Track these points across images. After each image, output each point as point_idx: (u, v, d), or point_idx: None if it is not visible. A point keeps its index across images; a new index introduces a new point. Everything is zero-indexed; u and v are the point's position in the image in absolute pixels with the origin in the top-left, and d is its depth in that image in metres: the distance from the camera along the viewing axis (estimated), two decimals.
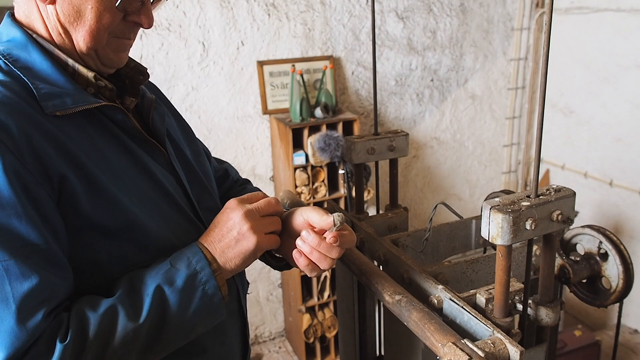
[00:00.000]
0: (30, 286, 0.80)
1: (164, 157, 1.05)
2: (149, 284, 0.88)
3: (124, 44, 0.99)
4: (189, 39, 2.91)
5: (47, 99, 0.87)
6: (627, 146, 3.24)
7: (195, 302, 0.89)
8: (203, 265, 0.91)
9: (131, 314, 0.85)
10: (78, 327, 0.83)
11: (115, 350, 0.84)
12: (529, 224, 0.87)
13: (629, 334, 3.39)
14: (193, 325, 0.91)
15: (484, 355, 0.82)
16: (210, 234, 0.96)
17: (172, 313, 0.88)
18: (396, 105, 3.49)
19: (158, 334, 0.88)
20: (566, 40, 3.45)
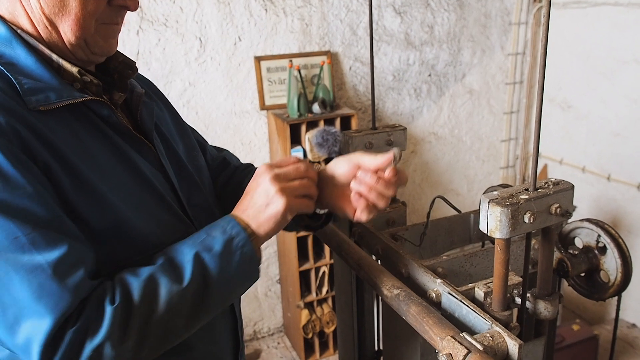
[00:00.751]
0: (61, 252, 0.80)
1: (152, 153, 1.04)
2: (187, 252, 0.90)
3: (112, 30, 0.98)
4: (185, 35, 2.90)
5: (30, 94, 0.86)
6: (625, 141, 3.24)
7: (234, 265, 0.91)
8: (238, 230, 0.93)
9: (174, 279, 0.86)
10: (123, 292, 0.83)
11: (162, 314, 0.85)
12: (527, 217, 0.87)
13: (626, 328, 3.39)
14: (233, 289, 0.94)
15: (483, 348, 0.82)
16: (241, 202, 0.98)
17: (214, 277, 0.89)
18: (394, 100, 3.49)
19: (202, 298, 0.89)
20: (564, 35, 3.45)
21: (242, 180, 1.25)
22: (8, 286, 0.77)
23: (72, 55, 0.94)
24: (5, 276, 0.77)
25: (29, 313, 0.77)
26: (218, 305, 0.93)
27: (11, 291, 0.77)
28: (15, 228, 0.78)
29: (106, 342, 0.79)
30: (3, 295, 0.77)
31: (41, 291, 0.77)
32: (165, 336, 0.87)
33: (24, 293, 0.77)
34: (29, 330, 0.77)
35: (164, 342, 0.89)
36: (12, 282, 0.77)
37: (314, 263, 3.13)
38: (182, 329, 0.90)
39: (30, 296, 0.77)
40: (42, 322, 0.76)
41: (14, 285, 0.77)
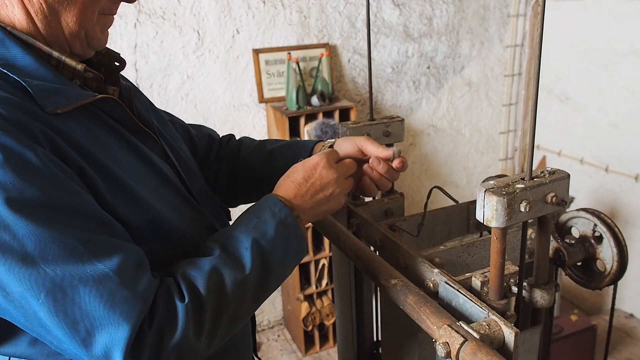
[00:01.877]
0: (121, 257, 0.78)
1: (157, 145, 1.04)
2: (243, 240, 0.91)
3: (109, 21, 0.96)
4: (183, 27, 2.89)
5: (43, 97, 0.81)
6: (623, 132, 3.25)
7: (289, 247, 0.94)
8: (287, 213, 0.96)
9: (235, 268, 0.87)
10: (190, 287, 0.83)
11: (230, 304, 0.85)
12: (523, 206, 0.87)
13: (624, 318, 3.41)
14: (288, 268, 0.96)
15: (479, 337, 0.82)
16: (294, 185, 1.02)
17: (273, 261, 0.92)
18: (393, 92, 3.49)
19: (263, 283, 0.91)
20: (562, 27, 3.44)
21: (236, 153, 1.34)
22: (76, 300, 0.74)
23: (68, 49, 0.91)
24: (72, 290, 0.74)
25: (104, 324, 0.74)
26: (276, 285, 0.95)
27: (80, 305, 0.74)
28: (71, 238, 0.75)
29: (184, 339, 0.79)
30: (72, 310, 0.74)
31: (113, 300, 0.75)
32: (233, 323, 0.88)
33: (94, 305, 0.74)
34: (107, 341, 0.74)
35: (232, 329, 0.90)
36: (80, 296, 0.74)
37: (313, 256, 3.14)
38: (246, 313, 0.91)
39: (103, 307, 0.74)
40: (120, 331, 0.74)
41: (83, 298, 0.74)
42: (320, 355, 3.28)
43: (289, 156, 1.27)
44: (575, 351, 2.89)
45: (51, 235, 0.74)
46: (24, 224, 0.73)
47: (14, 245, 0.72)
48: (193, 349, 0.81)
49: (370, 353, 1.53)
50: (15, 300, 0.74)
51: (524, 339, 1.05)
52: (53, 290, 0.73)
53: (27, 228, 0.73)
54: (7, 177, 0.73)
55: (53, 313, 0.74)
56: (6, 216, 0.72)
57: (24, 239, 0.73)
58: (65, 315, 0.74)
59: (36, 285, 0.73)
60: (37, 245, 0.73)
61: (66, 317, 0.74)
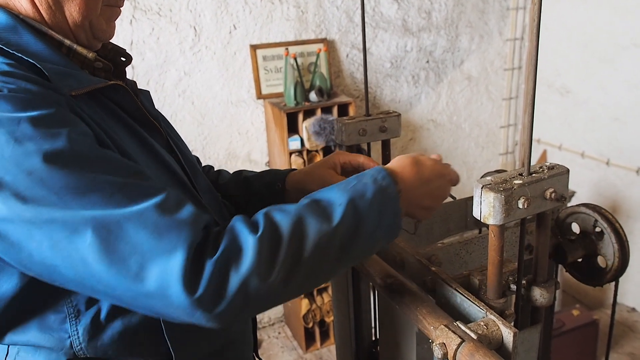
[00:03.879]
0: (163, 195, 0.77)
1: (163, 138, 1.03)
2: (338, 196, 0.86)
3: (115, 13, 0.96)
4: (180, 24, 2.87)
5: (59, 79, 0.82)
6: (625, 125, 3.22)
7: (384, 215, 0.88)
8: (389, 182, 0.90)
9: (323, 218, 0.82)
10: (269, 224, 0.79)
11: (310, 253, 0.80)
12: (521, 203, 0.85)
13: (626, 312, 3.39)
14: (376, 241, 0.89)
15: (477, 337, 0.80)
16: (412, 172, 0.97)
17: (363, 225, 0.85)
18: (392, 87, 3.46)
19: (349, 245, 0.84)
20: (563, 20, 3.41)
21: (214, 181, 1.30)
22: (122, 236, 0.72)
23: (74, 40, 0.92)
24: (117, 227, 0.73)
25: (154, 254, 0.72)
26: (360, 255, 0.89)
27: (127, 240, 0.73)
28: (108, 185, 0.75)
29: (252, 274, 0.74)
30: (120, 247, 0.72)
31: (159, 230, 0.73)
32: (311, 276, 0.82)
33: (142, 237, 0.73)
34: (160, 272, 0.72)
35: (309, 284, 0.85)
36: (126, 231, 0.73)
37: None
38: (325, 273, 0.86)
39: (150, 238, 0.73)
40: (172, 259, 0.72)
41: (128, 233, 0.73)
42: (321, 352, 3.27)
43: (264, 181, 1.24)
44: (578, 346, 2.87)
45: (88, 183, 0.74)
46: (59, 175, 0.73)
47: (53, 198, 0.72)
48: (264, 290, 0.76)
49: (368, 352, 1.51)
50: (63, 248, 0.73)
51: (523, 338, 1.03)
52: (98, 228, 0.72)
53: (63, 179, 0.73)
54: (37, 132, 0.74)
55: (102, 252, 0.72)
56: (41, 170, 0.72)
57: (62, 190, 0.73)
58: (114, 252, 0.72)
59: (81, 225, 0.72)
60: (76, 195, 0.73)
61: (115, 255, 0.72)
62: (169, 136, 1.07)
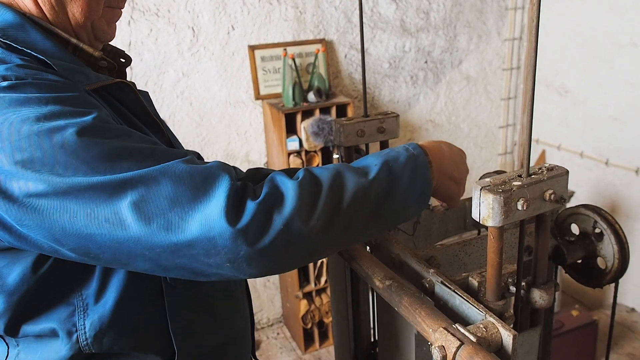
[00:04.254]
0: (186, 156, 0.79)
1: (165, 138, 1.04)
2: (373, 159, 0.89)
3: (116, 14, 0.98)
4: (178, 24, 2.86)
5: (68, 75, 0.84)
6: (623, 125, 3.22)
7: (415, 183, 0.90)
8: (419, 152, 0.93)
9: (360, 174, 0.85)
10: (308, 174, 0.82)
11: (347, 204, 0.82)
12: (520, 205, 0.85)
13: (625, 313, 3.39)
14: (409, 204, 0.91)
15: (476, 340, 0.80)
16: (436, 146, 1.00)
17: (397, 184, 0.88)
18: (390, 88, 3.46)
19: (384, 200, 0.86)
20: (561, 19, 3.41)
21: None
22: (160, 192, 0.73)
23: (77, 39, 0.93)
24: (155, 184, 0.73)
25: (195, 203, 0.73)
26: (392, 218, 0.91)
27: (165, 195, 0.73)
28: (136, 152, 0.76)
29: (295, 216, 0.76)
30: (159, 202, 0.73)
31: (194, 180, 0.75)
32: (347, 228, 0.83)
33: (179, 189, 0.73)
34: (202, 217, 0.73)
35: (346, 236, 0.85)
36: (164, 186, 0.74)
37: None
38: (362, 227, 0.87)
39: (187, 188, 0.74)
40: (213, 201, 0.73)
41: (167, 188, 0.74)
42: (320, 353, 3.26)
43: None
44: (577, 347, 2.87)
45: (120, 152, 0.75)
46: (90, 146, 0.74)
47: (86, 167, 0.73)
48: (305, 233, 0.77)
49: (367, 353, 1.50)
50: (100, 214, 0.73)
51: (523, 341, 1.02)
52: (136, 186, 0.73)
53: (94, 150, 0.74)
54: (64, 110, 0.76)
55: (141, 211, 0.73)
56: (72, 142, 0.73)
57: (94, 159, 0.73)
58: (154, 207, 0.73)
59: (118, 187, 0.73)
60: (108, 162, 0.74)
61: (156, 210, 0.73)
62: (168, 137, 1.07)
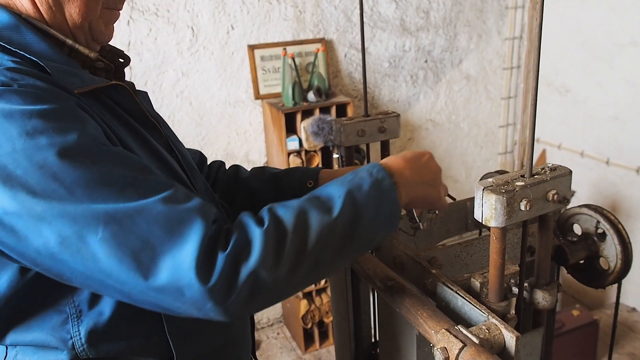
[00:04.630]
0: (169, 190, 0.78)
1: (162, 138, 1.03)
2: (336, 190, 0.88)
3: (114, 16, 0.97)
4: (177, 24, 2.85)
5: (62, 77, 0.83)
6: (624, 124, 3.21)
7: (381, 206, 0.89)
8: (384, 175, 0.91)
9: (324, 210, 0.84)
10: (274, 217, 0.81)
11: (312, 245, 0.81)
12: (523, 205, 0.84)
13: (626, 312, 3.38)
14: (377, 232, 0.90)
15: (479, 341, 0.79)
16: (398, 160, 0.98)
17: (363, 215, 0.87)
18: (390, 87, 3.45)
19: (351, 234, 0.86)
20: (561, 18, 3.40)
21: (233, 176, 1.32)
22: (133, 231, 0.73)
23: (73, 40, 0.92)
24: (129, 220, 0.73)
25: (167, 247, 0.73)
26: (362, 245, 0.91)
27: (138, 234, 0.73)
28: (118, 179, 0.75)
29: (260, 266, 0.76)
30: (132, 241, 0.73)
31: (171, 222, 0.74)
32: (314, 269, 0.84)
33: (153, 231, 0.73)
34: (172, 264, 0.73)
35: (313, 276, 0.86)
36: (138, 225, 0.73)
37: None
38: (329, 264, 0.87)
39: (162, 231, 0.73)
40: (185, 249, 0.73)
41: (141, 227, 0.73)
42: (320, 353, 3.25)
43: (295, 178, 1.26)
44: (578, 346, 2.86)
45: (99, 177, 0.74)
46: (70, 169, 0.73)
47: (64, 192, 0.72)
48: (270, 282, 0.77)
49: (368, 353, 1.50)
50: (72, 244, 0.73)
51: (525, 342, 1.01)
52: (109, 223, 0.72)
53: (74, 173, 0.73)
54: (48, 126, 0.74)
55: (113, 247, 0.72)
56: (52, 163, 0.72)
57: (72, 184, 0.73)
58: (125, 247, 0.73)
59: (92, 220, 0.72)
60: (87, 189, 0.73)
61: (126, 249, 0.73)
62: (167, 137, 1.07)
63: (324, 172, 1.26)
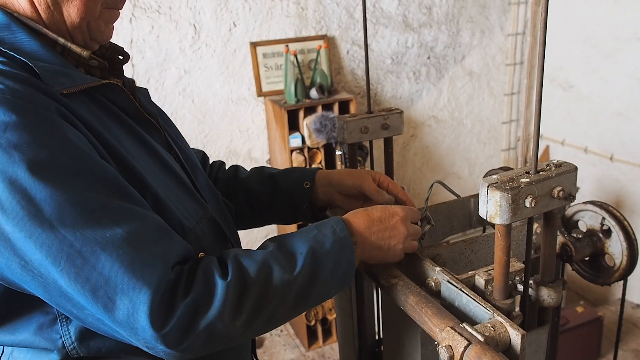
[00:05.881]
0: (139, 222, 0.78)
1: (160, 136, 1.03)
2: (300, 244, 0.91)
3: (114, 15, 0.96)
4: (179, 22, 2.85)
5: (51, 78, 0.82)
6: (628, 120, 3.20)
7: (338, 268, 0.92)
8: (346, 235, 0.95)
9: (286, 267, 0.87)
10: (238, 269, 0.83)
11: (270, 300, 0.85)
12: (528, 202, 0.83)
13: (631, 309, 3.37)
14: (330, 289, 0.94)
15: (484, 339, 0.79)
16: (365, 219, 1.00)
17: (320, 274, 0.90)
18: (393, 84, 3.44)
19: (306, 292, 0.89)
20: (564, 14, 3.39)
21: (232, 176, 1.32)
22: (96, 266, 0.73)
23: (70, 40, 0.91)
24: (92, 256, 0.73)
25: (125, 289, 0.74)
26: (315, 301, 0.93)
27: (100, 271, 0.74)
28: (89, 201, 0.75)
29: (218, 319, 0.78)
30: (92, 276, 0.73)
31: (133, 264, 0.74)
32: (268, 322, 0.87)
33: (114, 270, 0.74)
34: (128, 306, 0.74)
35: (265, 328, 0.88)
36: (100, 261, 0.74)
37: None
38: (281, 318, 0.90)
39: (123, 272, 0.74)
40: (141, 295, 0.74)
41: (103, 263, 0.74)
42: (323, 350, 3.25)
43: (292, 179, 1.27)
44: (582, 343, 2.86)
45: (69, 198, 0.74)
46: (41, 187, 0.72)
47: (32, 210, 0.72)
48: (225, 333, 0.80)
49: (372, 351, 1.49)
50: (35, 269, 0.74)
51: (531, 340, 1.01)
52: (73, 256, 0.73)
53: (44, 191, 0.73)
54: (23, 140, 0.73)
55: (73, 280, 0.73)
56: (24, 179, 0.72)
57: (41, 202, 0.72)
58: (86, 281, 0.73)
59: (56, 251, 0.73)
60: (55, 209, 0.73)
61: (87, 284, 0.74)
62: (167, 134, 1.06)
63: (320, 173, 1.26)
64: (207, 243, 0.98)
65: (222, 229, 1.05)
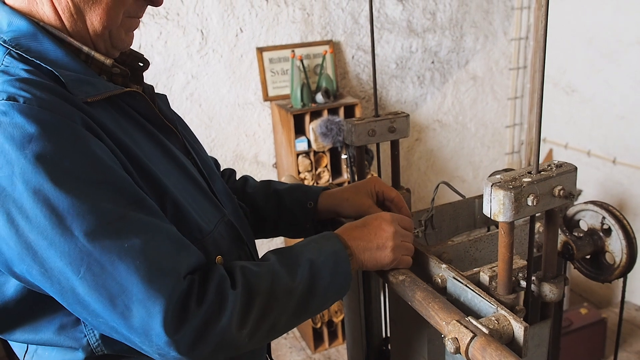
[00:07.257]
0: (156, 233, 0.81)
1: (179, 141, 1.05)
2: (299, 255, 0.95)
3: (135, 24, 0.98)
4: (187, 27, 2.89)
5: (75, 86, 0.84)
6: (631, 123, 3.23)
7: (336, 279, 0.96)
8: (340, 247, 0.99)
9: (287, 278, 0.91)
10: (246, 281, 0.87)
11: (273, 310, 0.89)
12: (530, 200, 0.87)
13: (634, 311, 3.39)
14: (327, 300, 0.98)
15: (488, 332, 0.82)
16: (353, 229, 1.05)
17: (319, 283, 0.94)
18: (397, 88, 3.48)
19: (306, 301, 0.93)
20: (567, 18, 3.42)
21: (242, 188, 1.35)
22: (114, 275, 0.77)
23: (93, 48, 0.93)
24: (111, 265, 0.76)
25: (141, 298, 0.77)
26: (315, 311, 0.97)
27: (118, 280, 0.77)
28: (108, 212, 0.78)
29: (228, 328, 0.82)
30: (110, 285, 0.77)
31: (150, 274, 0.78)
32: (270, 331, 0.91)
33: (132, 279, 0.77)
34: (144, 315, 0.77)
35: (267, 337, 0.92)
36: (118, 270, 0.77)
37: None
38: (282, 327, 0.93)
39: (140, 281, 0.77)
40: (157, 304, 0.77)
41: (120, 273, 0.77)
42: (329, 353, 3.28)
43: (295, 198, 1.29)
44: (586, 344, 2.88)
45: (90, 208, 0.76)
46: (63, 196, 0.75)
47: (55, 219, 0.75)
48: (233, 340, 0.84)
49: (379, 350, 1.52)
50: (54, 276, 0.77)
51: (534, 333, 1.04)
52: (92, 264, 0.76)
53: (66, 201, 0.75)
54: (47, 151, 0.76)
55: (92, 288, 0.77)
56: (47, 189, 0.75)
57: (64, 212, 0.75)
58: (104, 289, 0.77)
59: (77, 260, 0.76)
60: (77, 219, 0.75)
61: (105, 292, 0.77)
62: (185, 139, 1.09)
63: (323, 195, 1.28)
64: (225, 245, 1.00)
65: (238, 231, 1.07)
